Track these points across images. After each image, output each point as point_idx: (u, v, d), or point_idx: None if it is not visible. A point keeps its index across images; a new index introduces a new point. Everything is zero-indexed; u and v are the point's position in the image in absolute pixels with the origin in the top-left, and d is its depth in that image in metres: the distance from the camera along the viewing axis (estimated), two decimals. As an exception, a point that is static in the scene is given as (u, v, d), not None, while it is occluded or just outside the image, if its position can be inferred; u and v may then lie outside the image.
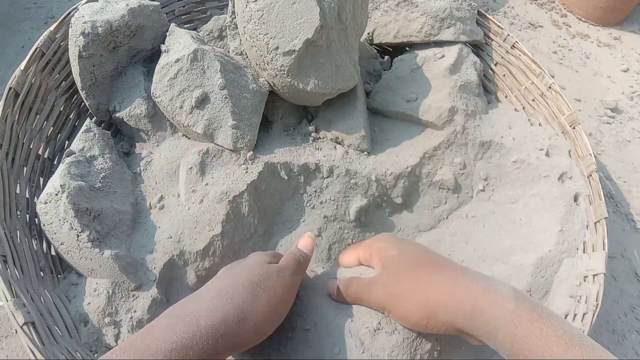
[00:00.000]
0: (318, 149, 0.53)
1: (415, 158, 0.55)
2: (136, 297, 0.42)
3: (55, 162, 0.51)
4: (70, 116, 0.54)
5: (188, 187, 0.46)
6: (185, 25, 0.62)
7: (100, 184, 0.44)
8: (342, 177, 0.51)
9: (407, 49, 0.65)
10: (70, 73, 0.51)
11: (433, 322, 0.34)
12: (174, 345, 0.29)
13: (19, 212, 0.44)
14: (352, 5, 0.49)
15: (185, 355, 0.29)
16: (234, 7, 0.50)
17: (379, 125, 0.59)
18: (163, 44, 0.50)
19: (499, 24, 0.64)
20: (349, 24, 0.50)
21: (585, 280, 0.47)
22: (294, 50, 0.44)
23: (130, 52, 0.51)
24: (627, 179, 0.74)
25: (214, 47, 0.49)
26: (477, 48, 0.66)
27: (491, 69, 0.66)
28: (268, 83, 0.50)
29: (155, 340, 0.29)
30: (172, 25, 0.51)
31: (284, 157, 0.50)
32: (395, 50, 0.68)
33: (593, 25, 1.00)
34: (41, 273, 0.42)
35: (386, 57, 0.69)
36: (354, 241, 0.52)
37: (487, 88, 0.66)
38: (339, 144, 0.54)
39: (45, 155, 0.50)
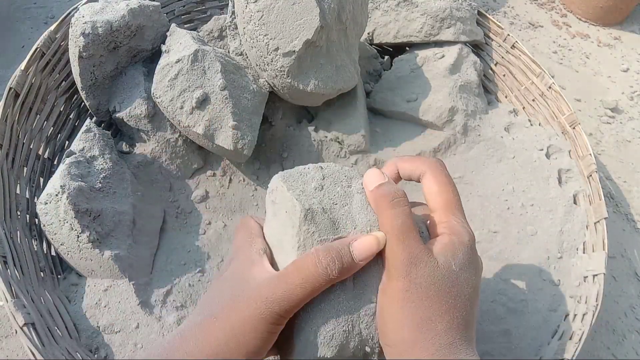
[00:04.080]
0: (318, 149, 0.53)
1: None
2: (136, 298, 0.42)
3: (55, 162, 0.51)
4: (70, 116, 0.54)
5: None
6: (185, 25, 0.62)
7: (100, 185, 0.44)
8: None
9: (407, 49, 0.65)
10: (70, 73, 0.51)
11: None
12: None
13: (19, 213, 0.44)
14: (352, 5, 0.49)
15: None
16: (234, 7, 0.50)
17: (379, 125, 0.59)
18: (163, 44, 0.50)
19: (499, 24, 0.64)
20: (348, 24, 0.50)
21: (585, 281, 0.47)
22: (294, 51, 0.44)
23: (131, 53, 0.51)
24: (627, 179, 0.74)
25: (214, 48, 0.49)
26: (477, 48, 0.66)
27: (491, 69, 0.66)
28: (268, 84, 0.50)
29: None
30: (173, 25, 0.51)
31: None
32: (395, 50, 0.68)
33: (593, 25, 1.00)
34: (41, 274, 0.42)
35: (386, 57, 0.69)
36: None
37: (487, 88, 0.66)
38: (339, 143, 0.54)
39: (45, 155, 0.50)
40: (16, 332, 0.40)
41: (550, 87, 0.59)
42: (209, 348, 0.27)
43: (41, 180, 0.49)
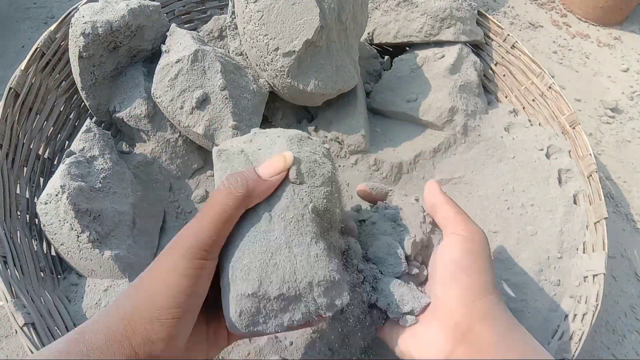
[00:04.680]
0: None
1: (414, 157, 0.55)
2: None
3: (55, 162, 0.51)
4: (70, 116, 0.54)
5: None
6: (185, 25, 0.62)
7: (100, 185, 0.44)
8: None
9: (407, 49, 0.65)
10: (70, 73, 0.51)
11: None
12: None
13: (19, 213, 0.44)
14: (352, 5, 0.49)
15: None
16: (234, 7, 0.50)
17: (379, 125, 0.59)
18: (163, 44, 0.50)
19: (499, 24, 0.64)
20: (348, 24, 0.50)
21: (585, 281, 0.47)
22: (294, 51, 0.44)
23: (131, 53, 0.51)
24: (627, 179, 0.74)
25: (214, 48, 0.49)
26: (477, 48, 0.66)
27: (491, 69, 0.66)
28: (268, 84, 0.50)
29: None
30: (173, 25, 0.51)
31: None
32: (395, 50, 0.68)
33: (593, 25, 1.00)
34: (41, 274, 0.42)
35: (386, 57, 0.69)
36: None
37: (487, 88, 0.66)
38: (339, 143, 0.54)
39: (45, 155, 0.50)
40: (16, 332, 0.40)
41: (550, 87, 0.59)
42: (139, 295, 0.27)
43: (41, 180, 0.49)
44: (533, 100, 0.62)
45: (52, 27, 0.50)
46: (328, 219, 0.31)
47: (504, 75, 0.65)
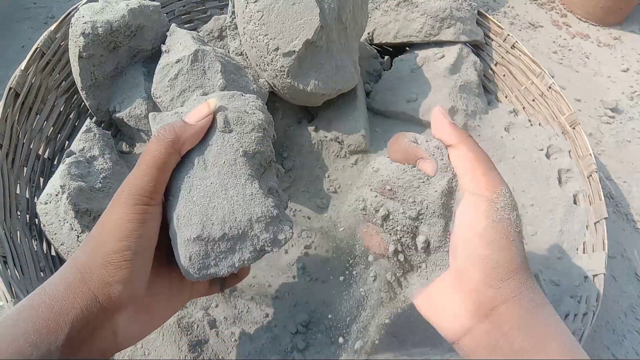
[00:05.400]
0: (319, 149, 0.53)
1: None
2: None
3: (55, 162, 0.51)
4: (70, 116, 0.54)
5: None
6: (185, 25, 0.62)
7: (100, 185, 0.44)
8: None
9: (407, 49, 0.65)
10: (70, 73, 0.51)
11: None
12: None
13: (19, 213, 0.44)
14: (352, 5, 0.49)
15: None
16: (234, 7, 0.50)
17: (379, 125, 0.59)
18: (163, 44, 0.50)
19: (499, 24, 0.64)
20: (349, 24, 0.50)
21: (585, 281, 0.47)
22: (294, 51, 0.44)
23: (131, 52, 0.51)
24: (627, 179, 0.74)
25: (214, 48, 0.49)
26: (477, 48, 0.66)
27: (491, 69, 0.66)
28: (268, 84, 0.50)
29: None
30: (173, 25, 0.51)
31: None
32: (395, 50, 0.68)
33: (593, 25, 1.00)
34: (41, 274, 0.42)
35: (386, 57, 0.69)
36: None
37: (487, 88, 0.66)
38: (339, 143, 0.54)
39: (45, 155, 0.50)
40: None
41: (550, 87, 0.59)
42: (91, 245, 0.29)
43: (41, 180, 0.49)
44: (533, 100, 0.62)
45: (52, 27, 0.50)
46: (259, 160, 0.33)
47: (504, 75, 0.65)
